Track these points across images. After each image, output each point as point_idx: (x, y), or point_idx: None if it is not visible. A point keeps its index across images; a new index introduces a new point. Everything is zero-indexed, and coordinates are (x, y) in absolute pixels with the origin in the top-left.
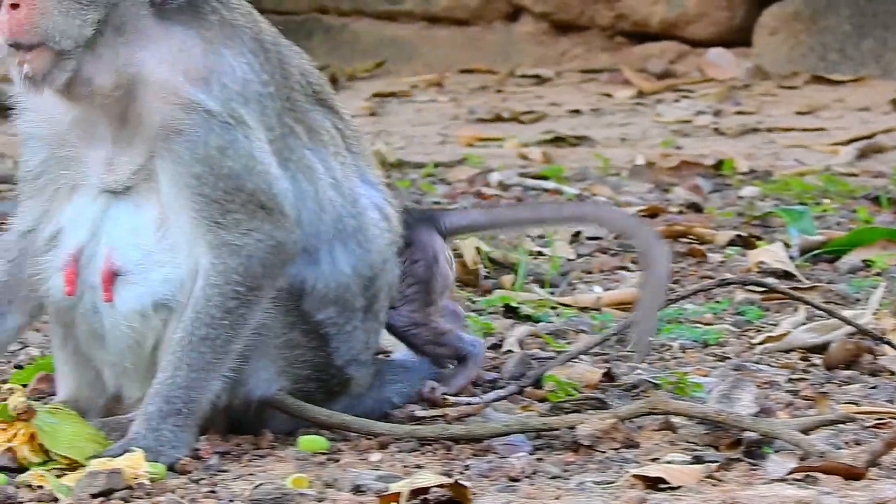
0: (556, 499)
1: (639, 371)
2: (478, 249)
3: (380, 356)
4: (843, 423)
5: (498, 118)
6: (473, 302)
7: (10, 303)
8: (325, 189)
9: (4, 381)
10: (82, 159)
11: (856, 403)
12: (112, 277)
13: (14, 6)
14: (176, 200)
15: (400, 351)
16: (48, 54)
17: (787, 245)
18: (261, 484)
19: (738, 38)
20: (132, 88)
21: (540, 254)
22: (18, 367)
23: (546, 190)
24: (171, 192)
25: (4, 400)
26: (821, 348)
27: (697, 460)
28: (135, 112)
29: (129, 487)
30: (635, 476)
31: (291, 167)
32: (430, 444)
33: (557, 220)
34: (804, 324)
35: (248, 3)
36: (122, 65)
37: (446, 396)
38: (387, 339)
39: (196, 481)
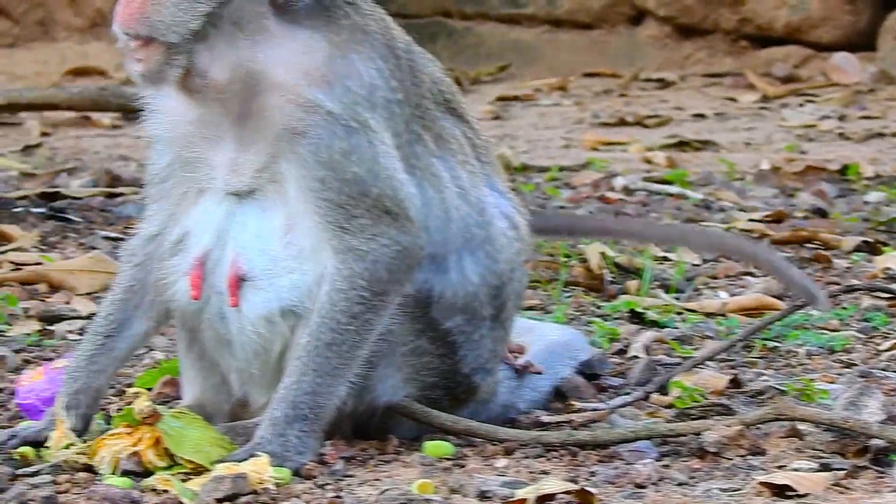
0: None
1: (765, 377)
2: (603, 254)
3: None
4: None
5: (622, 122)
6: (598, 307)
7: (137, 308)
8: (451, 197)
9: (130, 385)
10: (208, 161)
11: None
12: (239, 282)
13: None
14: (301, 204)
15: (528, 355)
16: (160, 47)
17: None
18: (386, 489)
19: (862, 41)
20: (253, 86)
21: (665, 259)
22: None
23: (670, 194)
24: (295, 196)
25: (130, 404)
26: None
27: (824, 468)
28: (256, 111)
29: (255, 492)
30: (762, 483)
31: (418, 174)
32: (555, 450)
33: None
34: None
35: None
36: (240, 61)
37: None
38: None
39: (321, 486)
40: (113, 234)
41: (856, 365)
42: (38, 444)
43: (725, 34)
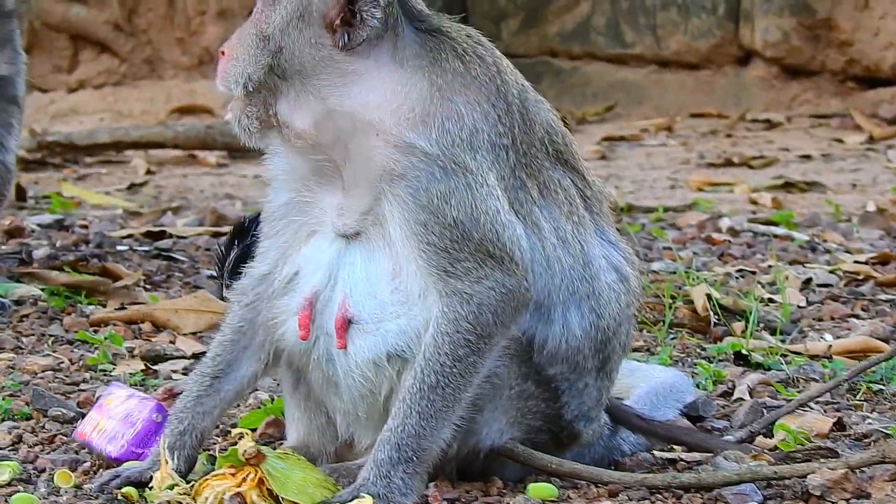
0: None
1: (870, 420)
2: (708, 296)
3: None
4: None
5: (728, 163)
6: (704, 349)
7: (246, 349)
8: (551, 247)
9: (234, 426)
10: (319, 204)
11: None
12: (346, 325)
13: (222, 53)
14: (405, 248)
15: (633, 396)
16: (238, 101)
17: None
18: None
19: None
20: (347, 130)
21: (771, 301)
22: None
23: (776, 236)
24: (399, 239)
25: (234, 444)
26: None
27: None
28: (356, 154)
29: None
30: None
31: (523, 221)
32: (659, 493)
33: None
34: None
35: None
36: (320, 107)
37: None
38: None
39: None
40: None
41: None
42: (141, 484)
43: (832, 75)
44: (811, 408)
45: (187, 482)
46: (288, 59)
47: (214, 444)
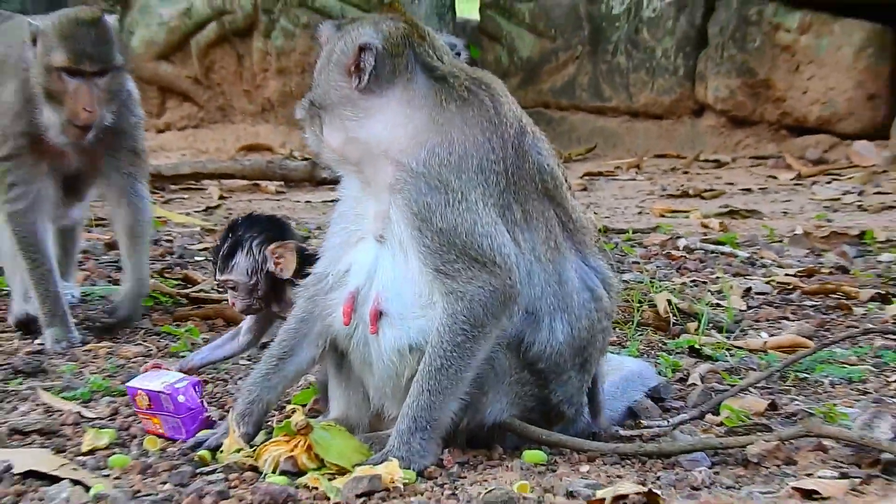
0: None
1: (797, 402)
2: (668, 301)
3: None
4: None
5: (684, 194)
6: (664, 344)
7: (306, 336)
8: (527, 263)
9: (288, 402)
10: (365, 214)
11: None
12: (378, 315)
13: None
14: (409, 249)
15: (608, 382)
16: (306, 123)
17: None
18: (492, 489)
19: (878, 133)
20: (365, 152)
21: (718, 305)
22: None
23: (723, 253)
24: (405, 242)
25: (288, 417)
26: None
27: (844, 476)
28: (373, 172)
29: (387, 489)
30: (794, 488)
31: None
32: (628, 459)
33: None
34: None
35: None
36: (346, 134)
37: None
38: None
39: (440, 485)
40: None
41: (870, 393)
42: (215, 448)
43: (769, 125)
44: (750, 392)
45: (251, 447)
46: (321, 96)
47: (272, 416)
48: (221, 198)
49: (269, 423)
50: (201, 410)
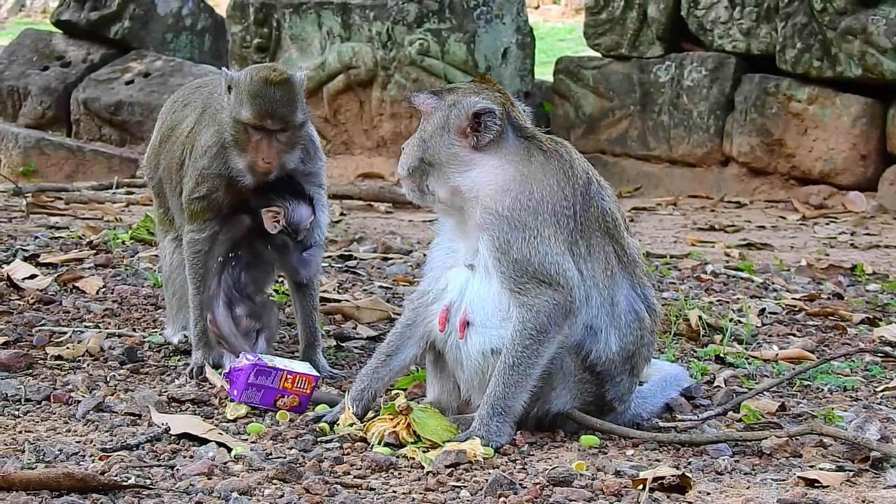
0: (747, 488)
1: (802, 405)
2: (699, 317)
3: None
4: None
5: (712, 228)
6: (695, 351)
7: (410, 338)
8: (587, 288)
9: (392, 387)
10: (457, 247)
11: None
12: (466, 325)
13: (403, 149)
14: (493, 274)
15: (650, 382)
16: (406, 178)
17: None
18: (555, 466)
19: (869, 185)
20: (464, 199)
21: (739, 321)
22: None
23: (742, 278)
24: (490, 268)
25: (392, 399)
26: None
27: (840, 469)
28: (469, 215)
29: (470, 462)
30: (799, 477)
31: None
32: (665, 446)
33: None
34: None
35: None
36: (451, 184)
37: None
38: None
39: (513, 461)
40: (386, 285)
41: (861, 400)
42: (333, 423)
43: (781, 175)
44: (764, 395)
45: (362, 423)
46: (432, 154)
47: (379, 398)
48: (342, 214)
49: (377, 403)
50: (244, 379)
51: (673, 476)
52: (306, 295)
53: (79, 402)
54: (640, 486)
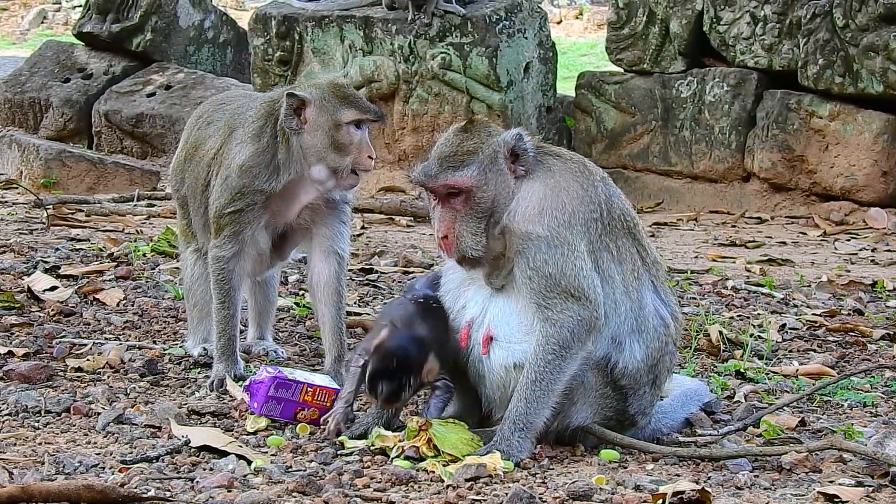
0: (767, 503)
1: (822, 420)
2: (720, 332)
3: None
4: None
5: (733, 244)
6: (716, 367)
7: None
8: (619, 293)
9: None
10: (475, 275)
11: None
12: (489, 340)
13: (445, 238)
14: (521, 292)
15: (670, 397)
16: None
17: None
18: (575, 480)
19: (890, 202)
20: (503, 230)
21: (759, 337)
22: None
23: (762, 293)
24: (518, 284)
25: (416, 415)
26: None
27: (860, 484)
28: (503, 242)
29: (490, 476)
30: (819, 492)
31: (601, 273)
32: (685, 461)
33: None
34: None
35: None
36: (503, 223)
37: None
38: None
39: (533, 475)
40: None
41: (881, 416)
42: (360, 437)
43: (802, 192)
44: (784, 410)
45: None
46: (493, 203)
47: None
48: (363, 227)
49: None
50: (264, 392)
51: (693, 491)
52: (337, 306)
53: (99, 414)
54: (660, 501)
